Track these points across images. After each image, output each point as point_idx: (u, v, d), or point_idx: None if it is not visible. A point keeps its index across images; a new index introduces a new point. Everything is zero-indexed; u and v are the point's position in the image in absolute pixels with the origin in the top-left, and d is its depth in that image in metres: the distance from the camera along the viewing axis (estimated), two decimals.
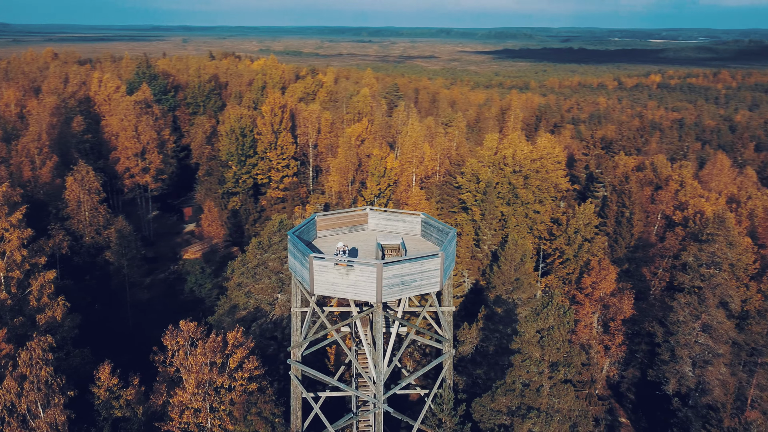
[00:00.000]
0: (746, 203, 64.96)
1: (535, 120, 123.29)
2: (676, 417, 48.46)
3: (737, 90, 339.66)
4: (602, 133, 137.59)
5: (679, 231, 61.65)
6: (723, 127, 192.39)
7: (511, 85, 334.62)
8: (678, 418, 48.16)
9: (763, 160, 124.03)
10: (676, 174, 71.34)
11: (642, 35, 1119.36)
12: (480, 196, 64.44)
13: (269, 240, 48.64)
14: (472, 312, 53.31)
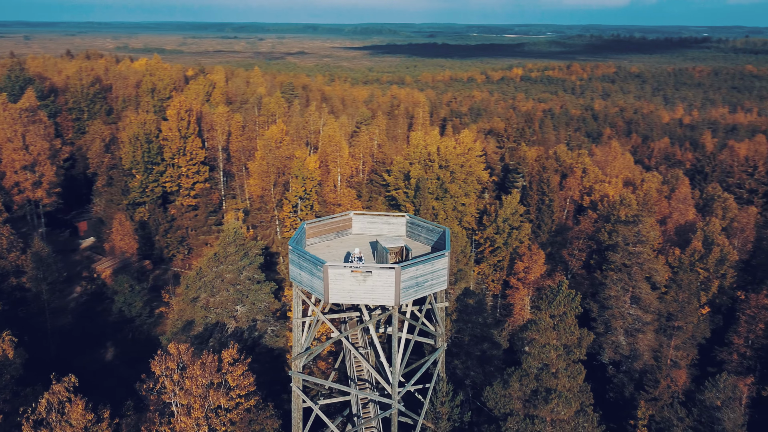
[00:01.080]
0: (641, 185, 72.80)
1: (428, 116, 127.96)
2: (611, 383, 53.57)
3: (588, 81, 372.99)
4: (489, 125, 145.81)
5: (591, 214, 67.73)
6: (587, 115, 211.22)
7: (388, 80, 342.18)
8: (614, 384, 53.29)
9: (633, 145, 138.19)
10: (578, 162, 78.00)
11: (497, 30, 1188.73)
12: (412, 193, 66.39)
13: (225, 251, 47.03)
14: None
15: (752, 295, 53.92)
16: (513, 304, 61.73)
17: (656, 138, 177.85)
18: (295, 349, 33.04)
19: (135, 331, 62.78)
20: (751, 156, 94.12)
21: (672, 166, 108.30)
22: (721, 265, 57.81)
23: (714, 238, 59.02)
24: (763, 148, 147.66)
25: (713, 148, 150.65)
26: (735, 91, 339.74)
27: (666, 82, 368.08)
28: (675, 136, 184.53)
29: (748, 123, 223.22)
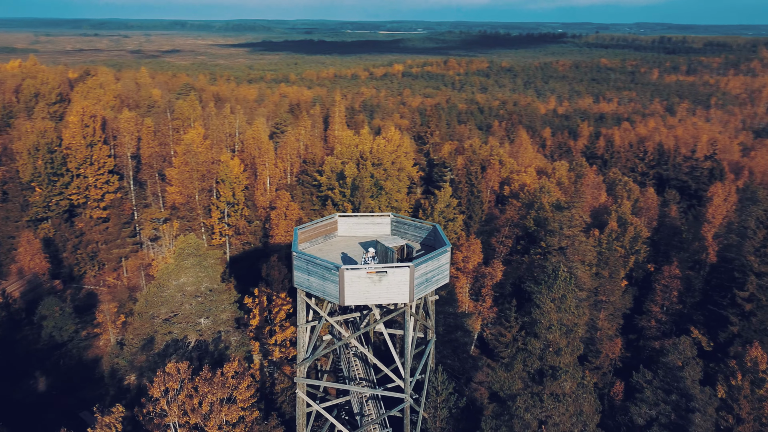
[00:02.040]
0: (554, 174, 78.74)
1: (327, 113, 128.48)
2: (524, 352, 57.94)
3: (466, 75, 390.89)
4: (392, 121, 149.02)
5: (515, 203, 72.30)
6: (473, 108, 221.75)
7: (273, 78, 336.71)
8: (510, 356, 57.67)
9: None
10: (494, 154, 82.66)
11: (371, 27, 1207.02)
12: (348, 192, 67.10)
13: (183, 263, 45.16)
14: None
15: (665, 267, 60.64)
16: (456, 294, 64.56)
17: (539, 128, 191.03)
18: (300, 355, 32.96)
19: (66, 357, 58.21)
20: (632, 141, 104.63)
21: (564, 155, 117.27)
22: (635, 242, 64.33)
23: (627, 218, 65.52)
24: (632, 135, 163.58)
25: (590, 135, 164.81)
26: (595, 83, 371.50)
27: (535, 76, 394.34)
28: (554, 125, 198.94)
29: (611, 112, 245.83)
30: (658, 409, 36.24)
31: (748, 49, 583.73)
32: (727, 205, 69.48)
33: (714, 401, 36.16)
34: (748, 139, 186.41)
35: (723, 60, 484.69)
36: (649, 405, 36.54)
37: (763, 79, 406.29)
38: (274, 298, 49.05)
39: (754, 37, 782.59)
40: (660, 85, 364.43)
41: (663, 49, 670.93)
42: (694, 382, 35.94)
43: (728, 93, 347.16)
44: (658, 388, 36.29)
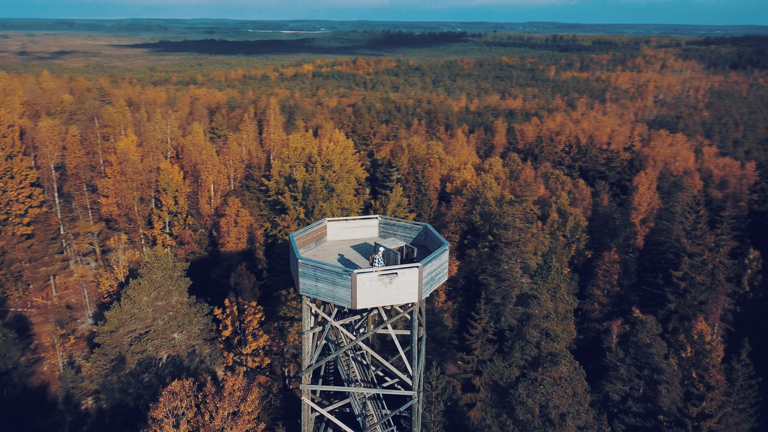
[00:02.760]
0: (491, 169, 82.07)
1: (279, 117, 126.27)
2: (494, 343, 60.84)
3: (375, 75, 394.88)
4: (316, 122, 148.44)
5: (460, 199, 74.77)
6: (390, 107, 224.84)
7: (179, 80, 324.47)
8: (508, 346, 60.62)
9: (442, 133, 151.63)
10: (433, 152, 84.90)
11: (273, 26, 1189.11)
12: (300, 195, 66.73)
13: (152, 277, 43.41)
14: None
15: (605, 253, 65.10)
16: None
17: (456, 125, 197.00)
18: (305, 362, 32.89)
19: (9, 386, 54.01)
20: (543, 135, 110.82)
21: (489, 150, 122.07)
22: (575, 231, 68.54)
23: (566, 209, 69.66)
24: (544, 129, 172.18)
25: (505, 131, 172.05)
26: (499, 80, 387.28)
27: (442, 74, 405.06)
28: (469, 122, 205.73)
29: (519, 108, 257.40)
30: (632, 384, 39.26)
31: (632, 47, 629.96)
32: (650, 193, 75.55)
33: (678, 373, 39.66)
34: (644, 130, 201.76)
35: (611, 57, 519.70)
36: (623, 382, 39.48)
37: (647, 74, 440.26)
38: (245, 307, 48.20)
39: (635, 35, 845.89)
40: (558, 81, 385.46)
41: (556, 47, 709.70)
42: (660, 357, 39.27)
43: (619, 88, 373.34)
44: (631, 365, 39.29)
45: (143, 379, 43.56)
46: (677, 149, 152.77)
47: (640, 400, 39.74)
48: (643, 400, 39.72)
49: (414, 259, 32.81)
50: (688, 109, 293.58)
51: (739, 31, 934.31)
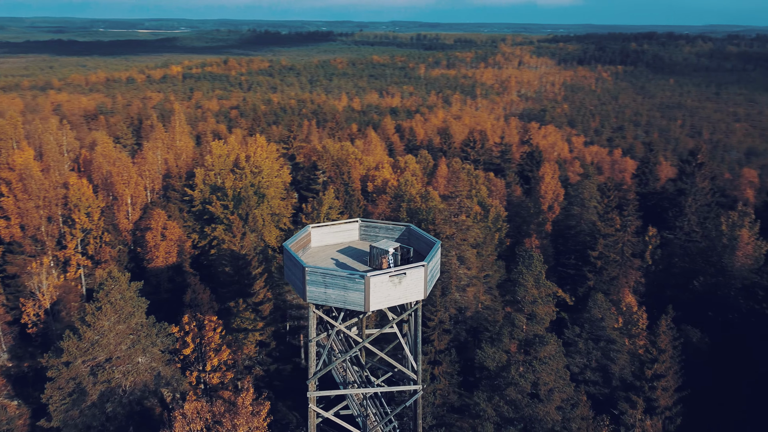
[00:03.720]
0: (407, 167, 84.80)
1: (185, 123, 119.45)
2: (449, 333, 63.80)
3: (249, 75, 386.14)
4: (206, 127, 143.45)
5: (385, 197, 76.65)
6: (276, 108, 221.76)
7: (32, 85, 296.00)
8: (453, 335, 63.64)
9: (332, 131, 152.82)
10: (349, 153, 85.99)
11: (127, 25, 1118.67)
12: (231, 204, 65.02)
13: (107, 302, 40.64)
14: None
15: (526, 239, 70.19)
16: None
17: (346, 125, 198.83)
18: (311, 370, 32.88)
19: None
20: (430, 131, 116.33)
21: (390, 147, 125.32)
22: (497, 221, 73.07)
23: (486, 202, 74.02)
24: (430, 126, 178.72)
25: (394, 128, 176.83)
26: (373, 79, 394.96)
27: (317, 74, 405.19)
28: (357, 121, 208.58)
29: (400, 106, 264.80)
30: (589, 356, 43.40)
31: (490, 45, 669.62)
32: (554, 182, 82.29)
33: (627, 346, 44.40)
34: (518, 123, 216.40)
35: (474, 55, 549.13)
36: (581, 354, 43.49)
37: (508, 71, 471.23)
38: (206, 322, 46.56)
39: (491, 33, 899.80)
40: (429, 79, 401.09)
41: (421, 45, 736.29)
42: (612, 329, 43.75)
43: (485, 84, 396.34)
44: (588, 339, 43.38)
45: (107, 410, 40.85)
46: (553, 140, 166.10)
47: (597, 369, 44.03)
48: (600, 369, 44.05)
49: (410, 259, 34.04)
50: (551, 102, 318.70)
51: (579, 29, 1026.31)
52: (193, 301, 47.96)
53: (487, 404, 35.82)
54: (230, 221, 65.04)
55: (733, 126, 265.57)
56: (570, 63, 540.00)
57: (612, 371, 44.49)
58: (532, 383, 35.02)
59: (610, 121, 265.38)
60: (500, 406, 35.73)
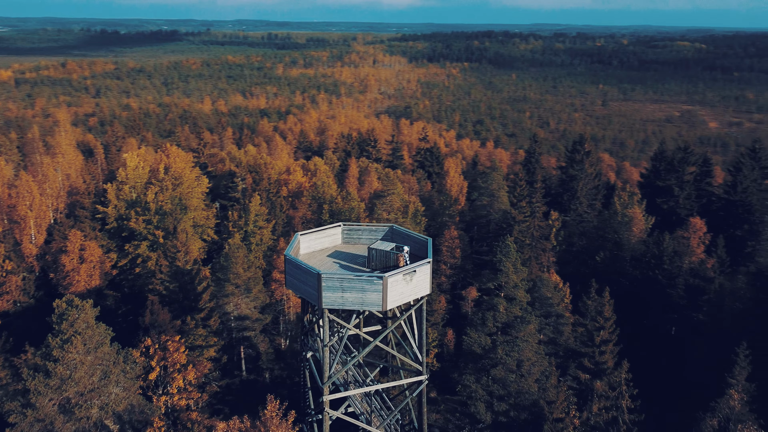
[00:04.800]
0: (317, 169, 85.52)
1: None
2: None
3: (93, 78, 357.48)
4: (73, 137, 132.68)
5: (305, 200, 76.96)
6: (138, 114, 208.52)
7: None
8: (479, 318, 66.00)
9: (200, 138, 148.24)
10: (257, 158, 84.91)
11: None
12: (155, 218, 61.85)
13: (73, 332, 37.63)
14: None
15: (446, 231, 74.39)
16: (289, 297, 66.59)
17: (220, 129, 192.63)
18: (325, 375, 33.38)
19: None
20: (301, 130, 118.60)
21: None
22: (416, 216, 76.52)
23: (404, 198, 77.17)
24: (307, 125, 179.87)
25: (272, 129, 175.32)
26: (232, 80, 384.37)
27: (171, 75, 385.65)
28: (230, 124, 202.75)
29: (269, 107, 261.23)
30: (542, 331, 48.09)
31: (343, 44, 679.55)
32: (458, 176, 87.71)
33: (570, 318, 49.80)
34: (390, 120, 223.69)
35: (329, 54, 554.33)
36: (537, 329, 47.99)
37: (364, 69, 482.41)
38: (169, 342, 44.55)
39: (342, 32, 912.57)
40: (290, 78, 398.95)
41: (274, 45, 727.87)
42: (558, 305, 48.80)
43: (345, 83, 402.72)
44: (538, 316, 47.97)
45: None
46: (428, 135, 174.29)
47: (548, 342, 48.81)
48: (551, 342, 48.88)
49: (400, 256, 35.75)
50: (413, 99, 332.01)
51: (423, 28, 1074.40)
52: (153, 323, 45.51)
53: (476, 385, 38.68)
54: (156, 236, 61.91)
55: (573, 116, 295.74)
56: (420, 61, 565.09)
57: (560, 342, 49.57)
58: (518, 361, 38.46)
59: (469, 115, 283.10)
60: (489, 385, 38.78)
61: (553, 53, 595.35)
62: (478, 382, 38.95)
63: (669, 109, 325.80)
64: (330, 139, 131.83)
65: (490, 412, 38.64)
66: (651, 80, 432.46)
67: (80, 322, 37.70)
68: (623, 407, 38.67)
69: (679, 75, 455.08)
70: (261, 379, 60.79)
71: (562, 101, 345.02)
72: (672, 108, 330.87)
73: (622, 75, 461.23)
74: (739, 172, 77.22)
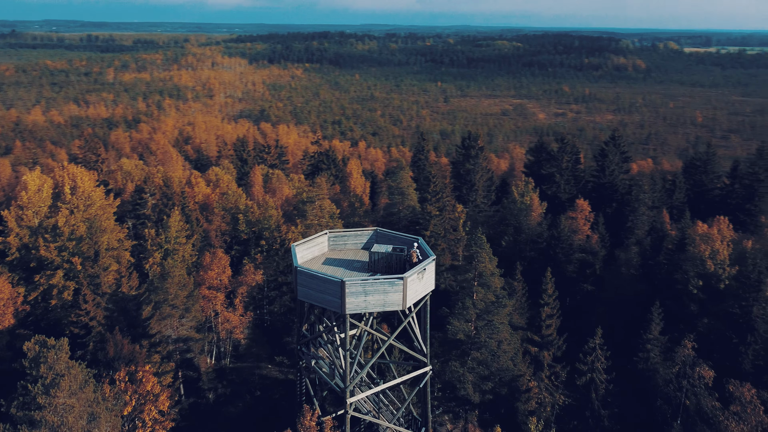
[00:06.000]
0: (219, 180, 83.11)
1: None
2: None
3: None
4: None
5: (219, 212, 74.65)
6: None
7: None
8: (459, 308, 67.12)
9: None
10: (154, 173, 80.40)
11: None
12: (72, 244, 56.65)
13: (52, 375, 34.33)
14: None
15: None
16: (219, 313, 64.57)
17: (65, 141, 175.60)
18: (347, 378, 34.16)
19: None
20: None
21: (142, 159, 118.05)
22: (333, 218, 77.69)
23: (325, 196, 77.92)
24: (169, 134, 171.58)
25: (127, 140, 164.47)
26: (57, 87, 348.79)
27: None
28: (75, 137, 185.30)
29: (112, 116, 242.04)
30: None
31: (174, 45, 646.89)
32: (360, 177, 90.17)
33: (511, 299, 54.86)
34: (251, 125, 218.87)
35: (163, 56, 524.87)
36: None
37: (204, 72, 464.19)
38: (142, 373, 41.95)
39: (172, 33, 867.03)
40: (124, 84, 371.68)
41: (96, 47, 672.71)
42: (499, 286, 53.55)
43: (188, 86, 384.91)
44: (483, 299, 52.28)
45: None
46: (295, 138, 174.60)
47: None
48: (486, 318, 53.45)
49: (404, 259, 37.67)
50: (264, 102, 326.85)
51: (256, 29, 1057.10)
52: (118, 358, 42.31)
53: (463, 369, 41.74)
54: (73, 264, 56.72)
55: (421, 113, 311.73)
56: (261, 62, 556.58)
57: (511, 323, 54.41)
58: (498, 342, 42.16)
59: (324, 115, 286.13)
60: (474, 367, 42.03)
61: (390, 53, 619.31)
62: (464, 367, 42.04)
63: (502, 104, 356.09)
64: (211, 147, 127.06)
65: (478, 392, 41.94)
66: (481, 77, 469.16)
67: (60, 363, 34.82)
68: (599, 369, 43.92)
69: (503, 71, 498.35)
70: (202, 401, 58.81)
71: (407, 99, 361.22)
72: (504, 102, 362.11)
73: (455, 72, 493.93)
74: (605, 157, 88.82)
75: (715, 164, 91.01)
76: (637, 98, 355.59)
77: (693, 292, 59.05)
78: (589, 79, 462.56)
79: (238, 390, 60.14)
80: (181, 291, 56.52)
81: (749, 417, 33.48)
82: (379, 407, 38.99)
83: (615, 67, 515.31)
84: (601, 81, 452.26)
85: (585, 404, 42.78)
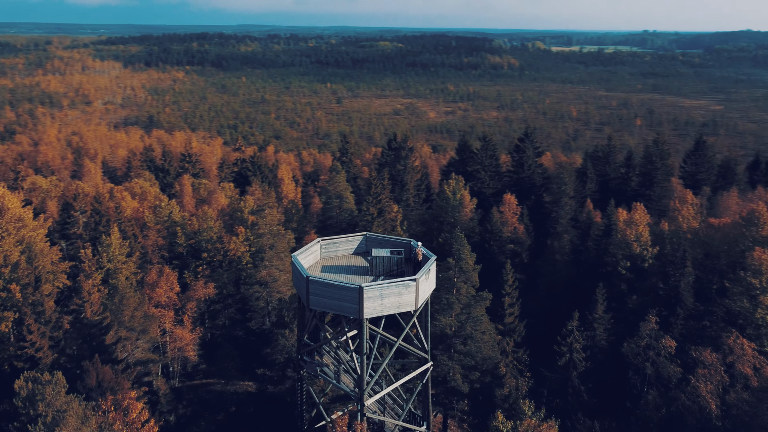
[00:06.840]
0: (147, 194, 79.14)
1: None
2: None
3: None
4: None
5: (151, 226, 71.25)
6: None
7: None
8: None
9: None
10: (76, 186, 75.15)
11: None
12: (7, 270, 51.96)
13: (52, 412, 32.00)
14: None
15: (306, 236, 76.61)
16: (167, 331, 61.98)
17: None
18: (364, 381, 34.79)
19: None
20: None
21: None
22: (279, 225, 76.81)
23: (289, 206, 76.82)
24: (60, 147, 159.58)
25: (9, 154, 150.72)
26: None
27: None
28: None
29: None
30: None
31: (35, 48, 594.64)
32: (291, 182, 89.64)
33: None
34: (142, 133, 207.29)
35: (25, 60, 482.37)
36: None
37: (75, 77, 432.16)
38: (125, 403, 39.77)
39: (30, 35, 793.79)
40: None
41: None
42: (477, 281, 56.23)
43: (57, 92, 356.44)
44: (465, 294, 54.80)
45: None
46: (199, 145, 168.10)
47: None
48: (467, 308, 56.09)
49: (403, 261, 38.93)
50: (150, 108, 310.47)
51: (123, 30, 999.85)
52: (100, 385, 39.67)
53: (451, 362, 43.73)
54: (11, 292, 52.09)
55: (316, 114, 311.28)
56: (137, 65, 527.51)
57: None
58: (482, 332, 44.58)
59: (217, 120, 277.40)
60: (461, 359, 44.14)
61: (274, 54, 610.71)
62: (451, 360, 44.05)
63: (393, 103, 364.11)
64: (115, 159, 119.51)
65: (467, 382, 44.15)
66: (368, 77, 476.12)
67: (59, 398, 32.94)
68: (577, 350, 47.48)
69: (389, 72, 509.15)
70: (161, 423, 56.59)
71: (299, 101, 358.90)
72: (395, 102, 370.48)
73: (342, 73, 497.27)
74: (522, 153, 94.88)
75: (615, 155, 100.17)
76: (516, 95, 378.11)
77: (622, 273, 65.13)
78: (470, 77, 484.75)
79: (198, 410, 58.49)
80: (137, 312, 54.19)
81: (713, 377, 38.41)
82: (384, 406, 39.97)
83: (492, 66, 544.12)
84: (481, 79, 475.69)
85: (565, 382, 46.41)
